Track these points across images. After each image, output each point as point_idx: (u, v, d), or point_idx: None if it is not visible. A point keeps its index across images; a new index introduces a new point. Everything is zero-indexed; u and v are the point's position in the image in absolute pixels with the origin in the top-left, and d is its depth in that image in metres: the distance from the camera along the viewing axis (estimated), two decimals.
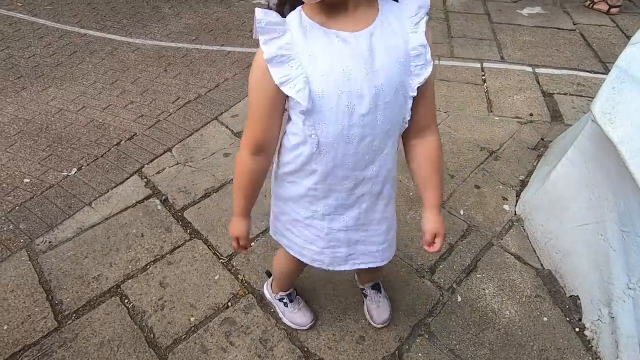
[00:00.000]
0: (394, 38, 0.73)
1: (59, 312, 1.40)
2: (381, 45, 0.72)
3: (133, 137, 2.15)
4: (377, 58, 0.71)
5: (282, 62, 0.70)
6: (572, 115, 2.29)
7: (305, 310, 1.36)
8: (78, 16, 3.35)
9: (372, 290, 1.36)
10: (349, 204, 0.92)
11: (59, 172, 1.94)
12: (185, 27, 3.23)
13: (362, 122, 0.76)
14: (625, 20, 3.27)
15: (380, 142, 0.81)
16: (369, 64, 0.71)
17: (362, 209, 0.93)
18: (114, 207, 1.76)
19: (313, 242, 1.00)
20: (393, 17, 0.73)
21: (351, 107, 0.74)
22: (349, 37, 0.70)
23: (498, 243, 1.64)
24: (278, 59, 0.70)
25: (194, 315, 1.39)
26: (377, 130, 0.79)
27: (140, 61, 2.80)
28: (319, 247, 1.00)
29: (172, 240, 1.63)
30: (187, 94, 2.49)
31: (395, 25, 0.73)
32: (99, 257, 1.57)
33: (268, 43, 0.70)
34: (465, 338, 1.35)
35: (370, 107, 0.74)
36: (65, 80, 2.59)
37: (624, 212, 1.21)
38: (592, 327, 1.35)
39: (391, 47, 0.72)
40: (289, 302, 1.34)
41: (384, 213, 0.96)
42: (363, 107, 0.74)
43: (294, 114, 0.79)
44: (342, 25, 0.71)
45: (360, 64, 0.71)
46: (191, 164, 1.98)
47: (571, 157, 1.48)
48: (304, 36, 0.71)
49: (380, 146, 0.82)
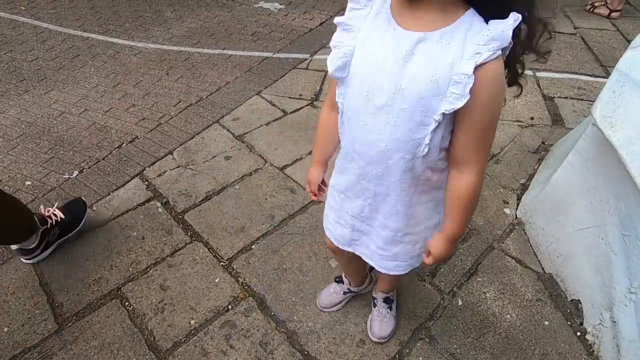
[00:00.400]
0: (443, 55, 0.69)
1: (59, 315, 1.40)
2: (425, 54, 0.70)
3: (134, 140, 2.16)
4: (413, 63, 0.70)
5: (345, 29, 0.78)
6: (573, 118, 2.29)
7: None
8: (81, 20, 3.37)
9: (382, 303, 1.35)
10: (356, 192, 0.93)
11: (60, 175, 1.94)
12: (187, 30, 3.25)
13: (375, 116, 0.77)
14: (626, 25, 3.27)
15: (389, 148, 0.79)
16: (400, 64, 0.71)
17: (367, 204, 0.94)
18: (115, 210, 1.76)
19: (331, 211, 1.06)
20: (460, 35, 0.68)
21: (370, 95, 0.76)
22: (401, 32, 0.71)
23: (499, 247, 1.64)
24: (343, 26, 0.78)
25: (194, 318, 1.39)
26: (385, 133, 0.78)
27: (142, 65, 2.81)
28: (332, 218, 1.06)
29: (173, 243, 1.63)
30: (188, 97, 2.49)
31: (456, 44, 0.68)
32: (100, 259, 1.57)
33: (348, 9, 0.78)
34: (466, 342, 1.35)
35: (385, 104, 0.75)
36: (68, 84, 2.61)
37: (625, 216, 1.21)
38: (593, 331, 1.35)
39: (433, 62, 0.69)
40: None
41: (386, 220, 0.94)
42: (378, 100, 0.76)
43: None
44: (406, 21, 0.71)
45: (393, 60, 0.72)
46: (192, 167, 1.98)
47: (572, 161, 1.47)
48: (374, 17, 0.75)
49: (389, 153, 0.80)
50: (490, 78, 0.68)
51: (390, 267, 1.04)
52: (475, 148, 0.77)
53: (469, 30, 0.68)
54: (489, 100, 0.71)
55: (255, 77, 2.67)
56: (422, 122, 0.74)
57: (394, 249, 1.00)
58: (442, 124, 0.74)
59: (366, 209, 0.95)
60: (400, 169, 0.82)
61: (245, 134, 2.19)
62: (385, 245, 0.99)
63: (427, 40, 0.69)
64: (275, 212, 1.76)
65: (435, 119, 0.72)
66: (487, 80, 0.68)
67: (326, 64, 0.81)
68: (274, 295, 1.46)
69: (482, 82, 0.68)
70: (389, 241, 0.98)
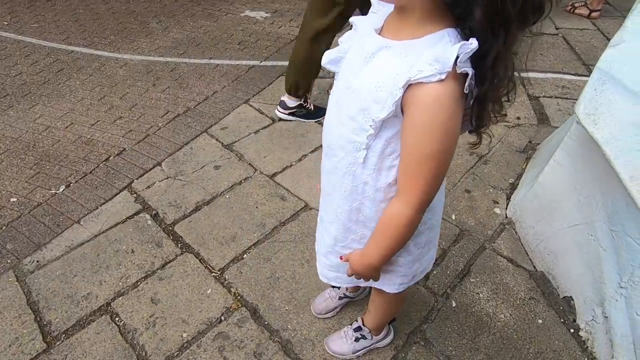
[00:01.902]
0: (396, 65, 0.66)
1: (47, 333, 1.37)
2: (382, 60, 0.69)
3: (122, 152, 2.13)
4: (369, 67, 0.71)
5: (354, 29, 0.80)
6: (558, 117, 2.32)
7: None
8: (65, 33, 3.34)
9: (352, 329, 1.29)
10: (324, 182, 0.92)
11: (47, 190, 1.91)
12: (174, 41, 3.24)
13: (334, 111, 0.81)
14: (606, 24, 3.34)
15: (335, 144, 0.80)
16: (359, 65, 0.73)
17: (322, 201, 0.94)
18: (104, 224, 1.74)
19: None
20: (420, 50, 0.65)
21: (337, 88, 0.81)
22: (373, 36, 0.72)
23: (490, 247, 1.64)
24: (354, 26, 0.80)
25: (186, 331, 1.37)
26: (336, 128, 0.80)
27: (129, 76, 2.80)
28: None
29: (163, 256, 1.61)
30: (176, 107, 2.48)
31: (411, 58, 0.65)
32: (89, 275, 1.54)
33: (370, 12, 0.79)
34: (461, 343, 1.34)
35: (338, 101, 0.79)
36: (53, 98, 2.58)
37: (612, 212, 1.22)
38: (586, 327, 1.35)
39: (385, 69, 0.68)
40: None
41: (329, 225, 0.92)
42: (337, 94, 0.80)
43: None
44: (388, 27, 0.72)
45: (357, 61, 0.74)
46: (181, 177, 1.97)
47: (558, 159, 1.49)
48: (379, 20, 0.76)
49: (335, 150, 0.81)
50: (427, 100, 0.63)
51: (331, 278, 1.01)
52: (410, 177, 0.71)
53: (431, 47, 0.64)
54: (425, 126, 0.65)
55: (243, 85, 2.67)
56: (361, 125, 0.73)
57: (334, 260, 0.96)
58: (382, 135, 0.72)
59: (321, 207, 0.96)
60: (342, 170, 0.81)
61: (234, 143, 2.18)
62: (327, 253, 0.97)
63: (389, 48, 0.68)
64: (266, 220, 1.75)
65: (370, 125, 0.71)
66: (422, 102, 0.64)
67: None
68: (267, 305, 1.45)
69: (417, 102, 0.64)
70: (329, 249, 0.95)
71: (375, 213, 0.83)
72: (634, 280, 1.15)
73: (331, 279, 1.02)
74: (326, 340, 1.32)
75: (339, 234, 0.91)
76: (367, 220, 0.85)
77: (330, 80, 2.62)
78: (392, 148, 0.74)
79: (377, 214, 0.83)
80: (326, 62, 0.82)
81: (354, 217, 0.86)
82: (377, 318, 1.24)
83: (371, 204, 0.82)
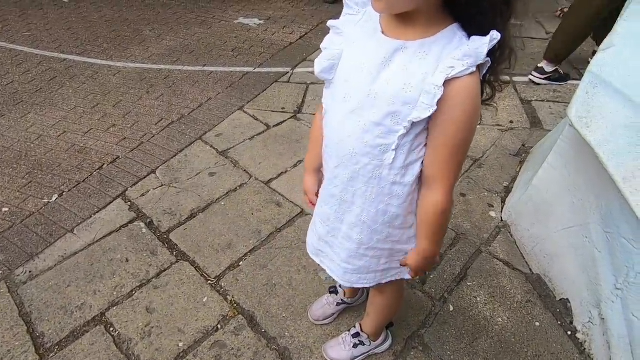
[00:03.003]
0: (418, 65, 0.69)
1: (40, 345, 1.34)
2: (402, 62, 0.70)
3: (116, 160, 2.12)
4: (388, 70, 0.71)
5: (336, 33, 0.80)
6: (551, 120, 2.35)
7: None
8: (57, 41, 3.33)
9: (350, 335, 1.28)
10: (326, 196, 0.92)
11: (39, 200, 1.89)
12: (167, 49, 3.24)
13: (348, 118, 0.78)
14: None
15: (357, 151, 0.79)
16: (377, 69, 0.72)
17: (333, 211, 0.92)
18: (98, 233, 1.72)
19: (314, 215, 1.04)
20: (438, 48, 0.68)
21: (347, 97, 0.77)
22: (383, 39, 0.72)
23: (487, 250, 1.65)
24: (335, 29, 0.80)
25: (182, 341, 1.35)
26: (355, 135, 0.78)
27: (122, 84, 2.79)
28: (312, 222, 1.06)
29: (158, 264, 1.59)
30: (170, 115, 2.47)
31: (433, 56, 0.68)
32: (83, 285, 1.52)
33: (342, 14, 0.79)
34: (460, 348, 1.34)
35: (357, 107, 0.76)
36: (45, 106, 2.56)
37: (607, 214, 1.23)
38: (583, 329, 1.35)
39: (408, 70, 0.69)
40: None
41: (350, 231, 0.92)
42: (352, 102, 0.77)
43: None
44: (392, 29, 0.72)
45: (371, 65, 0.73)
46: (176, 185, 1.96)
47: (552, 162, 1.50)
48: (364, 22, 0.77)
49: (357, 157, 0.80)
50: (462, 93, 0.68)
51: (354, 281, 1.00)
52: (444, 166, 0.75)
53: (448, 44, 0.68)
54: (461, 117, 0.70)
55: (237, 92, 2.67)
56: (390, 128, 0.74)
57: (358, 263, 0.96)
58: (411, 133, 0.74)
59: (332, 217, 0.93)
60: (367, 176, 0.81)
61: (229, 150, 2.17)
62: (349, 258, 0.96)
63: (406, 49, 0.70)
64: (262, 227, 1.74)
65: (404, 126, 0.72)
66: (458, 96, 0.67)
67: (307, 78, 0.81)
68: (264, 312, 1.43)
69: (454, 96, 0.67)
70: (352, 254, 0.95)
71: (402, 210, 0.85)
72: (630, 281, 1.15)
73: (355, 282, 1.01)
74: (324, 347, 1.31)
75: (364, 237, 0.91)
76: (392, 219, 0.87)
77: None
78: (418, 142, 0.76)
79: (403, 210, 0.85)
80: (319, 72, 0.80)
81: (380, 218, 0.87)
82: (376, 321, 1.22)
83: (398, 202, 0.84)
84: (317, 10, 3.91)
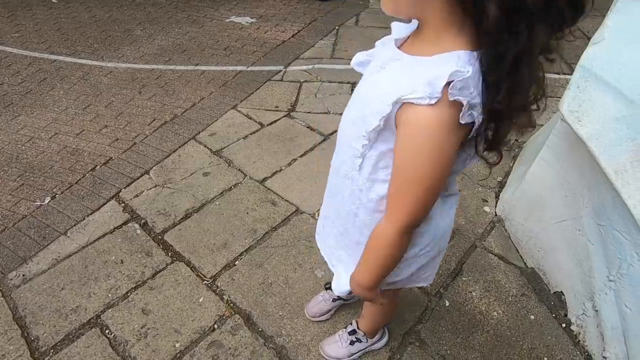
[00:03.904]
0: (401, 78, 0.64)
1: (35, 349, 1.33)
2: (392, 72, 0.67)
3: (109, 161, 2.10)
4: (379, 76, 0.70)
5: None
6: (543, 115, 2.34)
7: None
8: (47, 42, 3.29)
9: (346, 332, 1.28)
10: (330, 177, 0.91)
11: (31, 202, 1.87)
12: (159, 48, 3.21)
13: (348, 107, 0.78)
14: (586, 22, 3.38)
15: (342, 143, 0.80)
16: (375, 70, 0.72)
17: (329, 191, 0.92)
18: (91, 235, 1.70)
19: None
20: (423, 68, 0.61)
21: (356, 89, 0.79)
22: (389, 47, 0.72)
23: (481, 245, 1.66)
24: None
25: (179, 341, 1.35)
26: (345, 127, 0.79)
27: (114, 85, 2.76)
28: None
29: (153, 265, 1.59)
30: (162, 115, 2.46)
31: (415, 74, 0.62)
32: (77, 287, 1.51)
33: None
34: (456, 342, 1.35)
35: (353, 99, 0.78)
36: (36, 108, 2.53)
37: (599, 207, 1.24)
38: (577, 321, 1.37)
39: (391, 81, 0.66)
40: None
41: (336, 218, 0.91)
42: (354, 95, 0.78)
43: None
44: (407, 41, 0.71)
45: (373, 66, 0.74)
46: (170, 185, 1.94)
47: (545, 156, 1.51)
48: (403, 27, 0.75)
49: (341, 149, 0.81)
50: (413, 124, 0.61)
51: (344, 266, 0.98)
52: (396, 196, 0.70)
53: (437, 67, 0.59)
54: (412, 150, 0.63)
55: (230, 91, 2.65)
56: (359, 133, 0.71)
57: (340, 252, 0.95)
58: (375, 147, 0.71)
59: (327, 198, 0.94)
60: (343, 172, 0.80)
61: (223, 149, 2.16)
62: (341, 243, 0.93)
63: (400, 61, 0.67)
64: (257, 226, 1.73)
65: (365, 135, 0.69)
66: (410, 124, 0.62)
67: (301, 76, 0.81)
68: (261, 311, 1.43)
69: (405, 123, 0.62)
70: (342, 241, 0.92)
71: (370, 221, 0.80)
72: (622, 273, 1.17)
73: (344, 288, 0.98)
74: (321, 344, 1.32)
75: (341, 232, 0.91)
76: (362, 226, 0.83)
77: (318, 84, 2.63)
78: (385, 162, 0.72)
79: (371, 221, 0.80)
80: (354, 63, 0.80)
81: (351, 220, 0.85)
82: (371, 322, 1.24)
83: (365, 212, 0.81)
84: (309, 8, 3.90)
